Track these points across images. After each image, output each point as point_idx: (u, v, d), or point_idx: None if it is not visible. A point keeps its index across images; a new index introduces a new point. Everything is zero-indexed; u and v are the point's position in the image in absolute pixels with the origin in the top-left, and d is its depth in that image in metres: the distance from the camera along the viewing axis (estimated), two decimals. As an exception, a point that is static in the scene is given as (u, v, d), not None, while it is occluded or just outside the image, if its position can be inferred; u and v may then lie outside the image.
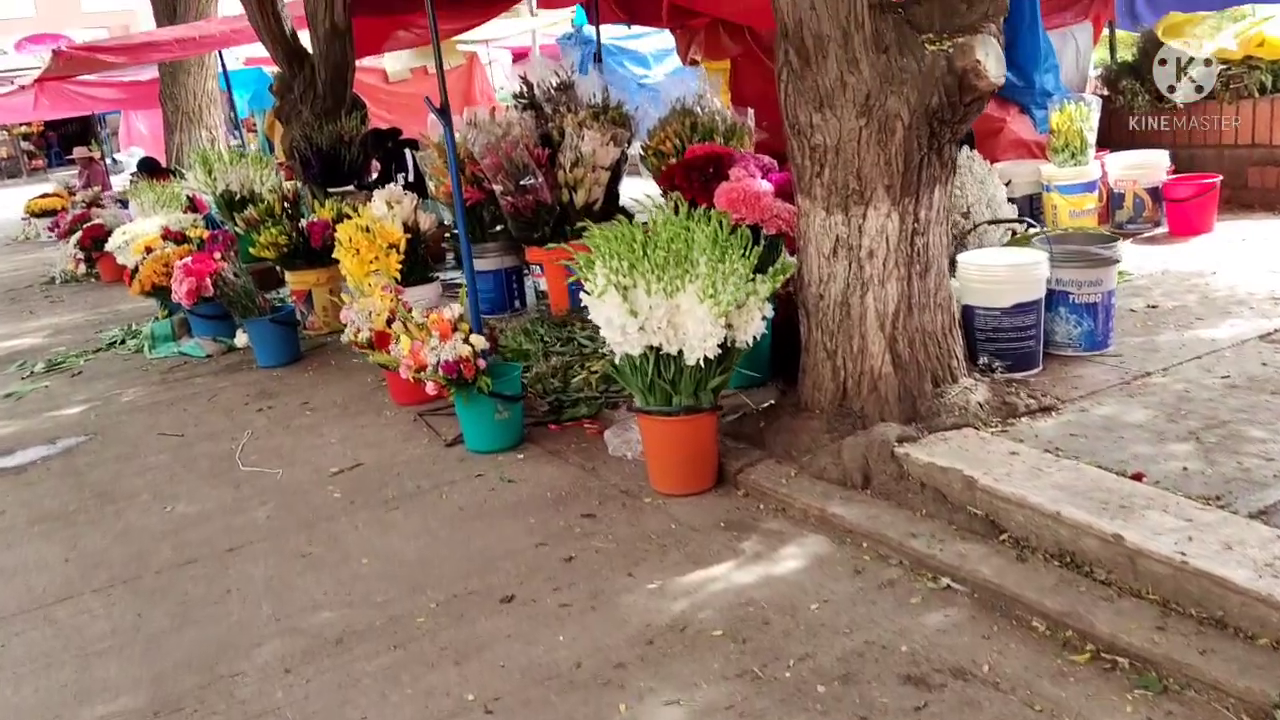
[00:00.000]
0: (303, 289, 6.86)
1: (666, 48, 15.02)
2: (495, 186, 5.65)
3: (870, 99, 3.46)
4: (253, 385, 5.93)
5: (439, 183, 6.13)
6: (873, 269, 3.62)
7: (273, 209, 6.96)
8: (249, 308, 6.19)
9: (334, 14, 7.83)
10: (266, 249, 6.69)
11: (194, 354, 6.76)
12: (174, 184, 10.20)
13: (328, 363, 6.23)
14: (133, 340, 7.39)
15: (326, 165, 8.25)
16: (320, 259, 6.79)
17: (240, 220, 7.10)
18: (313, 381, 5.86)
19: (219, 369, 6.41)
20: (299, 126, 8.41)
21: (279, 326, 6.22)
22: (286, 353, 6.29)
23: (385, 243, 5.58)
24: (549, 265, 5.97)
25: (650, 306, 3.45)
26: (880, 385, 3.69)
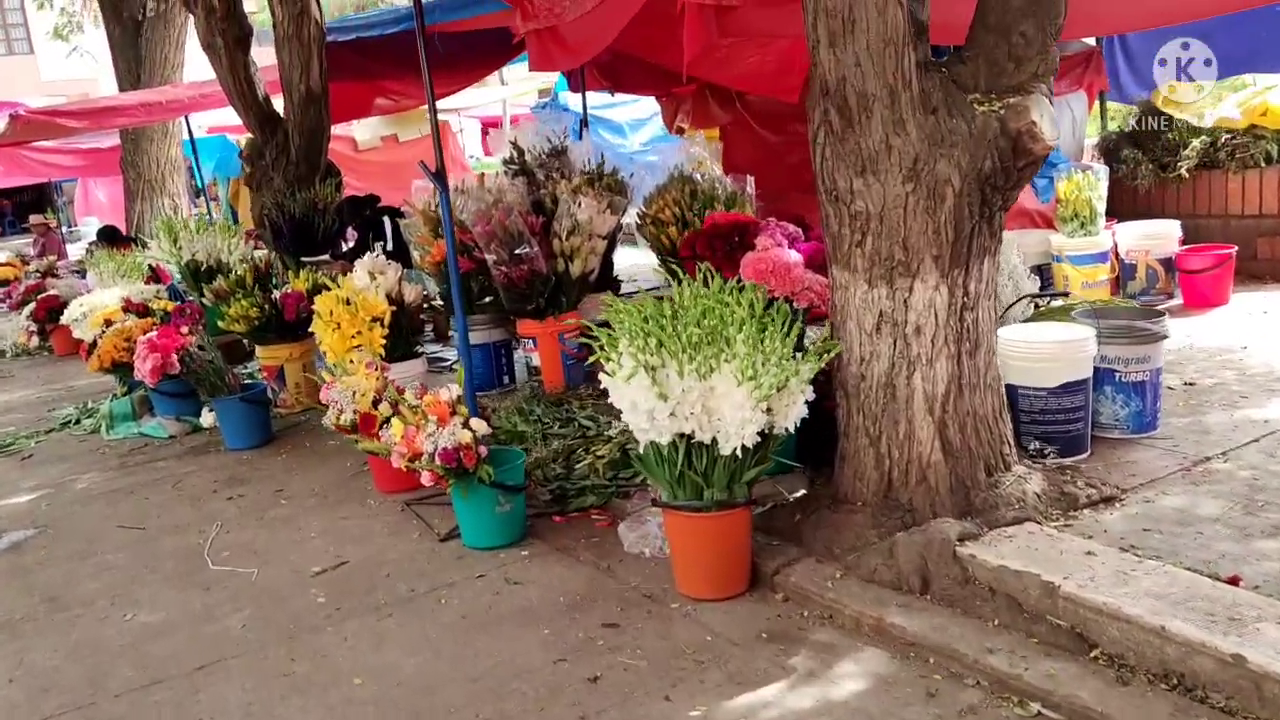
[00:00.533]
0: (274, 364, 6.44)
1: (642, 116, 14.91)
2: (487, 256, 5.31)
3: (918, 163, 3.17)
4: (221, 470, 5.47)
5: (424, 252, 5.79)
6: (920, 347, 3.30)
7: (243, 280, 6.57)
8: (217, 385, 5.76)
9: (310, 78, 7.52)
10: (236, 322, 6.29)
11: (156, 435, 6.29)
12: (135, 253, 9.78)
13: (302, 445, 5.80)
14: (89, 420, 6.90)
15: (299, 234, 7.87)
16: (293, 333, 6.40)
17: (209, 292, 6.69)
18: (287, 466, 5.42)
19: (184, 451, 5.95)
20: (270, 193, 8.05)
21: (250, 406, 5.79)
22: (257, 434, 5.85)
23: (368, 316, 5.21)
24: (543, 339, 5.61)
25: (683, 390, 3.09)
26: (930, 474, 3.35)
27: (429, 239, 5.71)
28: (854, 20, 3.07)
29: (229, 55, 7.54)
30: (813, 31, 3.18)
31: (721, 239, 4.28)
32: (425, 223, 5.72)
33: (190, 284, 8.26)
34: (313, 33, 7.36)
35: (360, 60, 8.27)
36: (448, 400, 3.92)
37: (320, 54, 7.46)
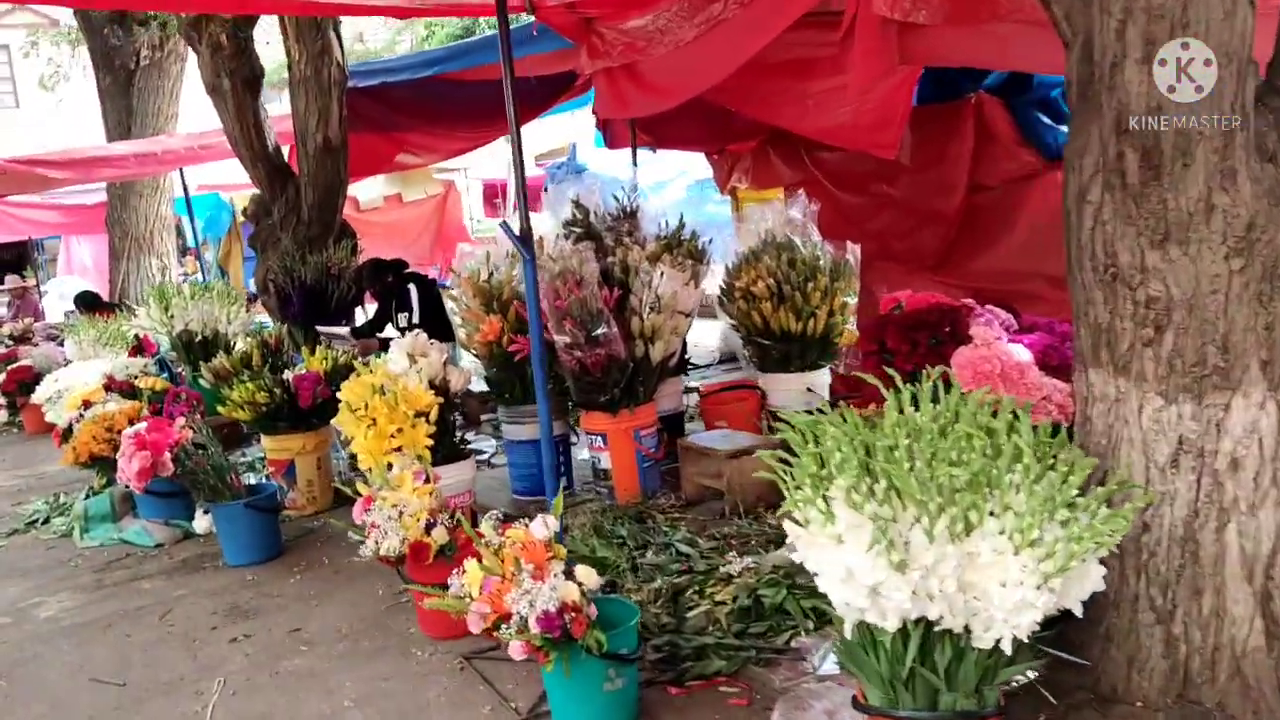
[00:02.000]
0: (284, 458, 5.42)
1: (665, 178, 14.09)
2: (558, 338, 4.35)
3: (1252, 230, 2.24)
4: (221, 595, 4.43)
5: (472, 329, 4.82)
6: (1238, 488, 2.35)
7: (248, 358, 5.58)
8: (218, 489, 4.74)
9: (328, 127, 6.63)
10: (240, 408, 5.28)
11: (140, 543, 5.25)
12: (120, 320, 8.80)
13: (319, 560, 4.77)
14: (60, 519, 5.85)
15: (310, 302, 6.94)
16: (307, 421, 5.41)
17: (207, 371, 5.69)
18: (303, 591, 4.39)
19: (174, 566, 4.91)
20: (277, 256, 7.13)
21: (257, 515, 4.77)
22: (265, 547, 4.82)
23: (411, 410, 4.22)
24: (615, 436, 4.64)
25: (933, 557, 2.12)
26: (1248, 667, 2.38)
27: (479, 314, 4.74)
28: (1186, 23, 2.16)
29: (236, 98, 6.65)
30: (1115, 40, 2.26)
31: (925, 329, 3.35)
32: (475, 295, 4.76)
33: (182, 357, 7.26)
34: (334, 75, 6.50)
35: (383, 110, 7.40)
36: (543, 539, 2.92)
37: (341, 100, 6.59)
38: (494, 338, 4.68)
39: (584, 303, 4.26)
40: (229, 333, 7.27)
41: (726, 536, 4.08)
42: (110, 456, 5.18)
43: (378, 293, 6.65)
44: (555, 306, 4.28)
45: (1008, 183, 6.15)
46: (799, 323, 4.89)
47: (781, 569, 3.41)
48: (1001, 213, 6.15)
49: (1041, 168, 6.08)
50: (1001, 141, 6.15)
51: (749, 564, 3.50)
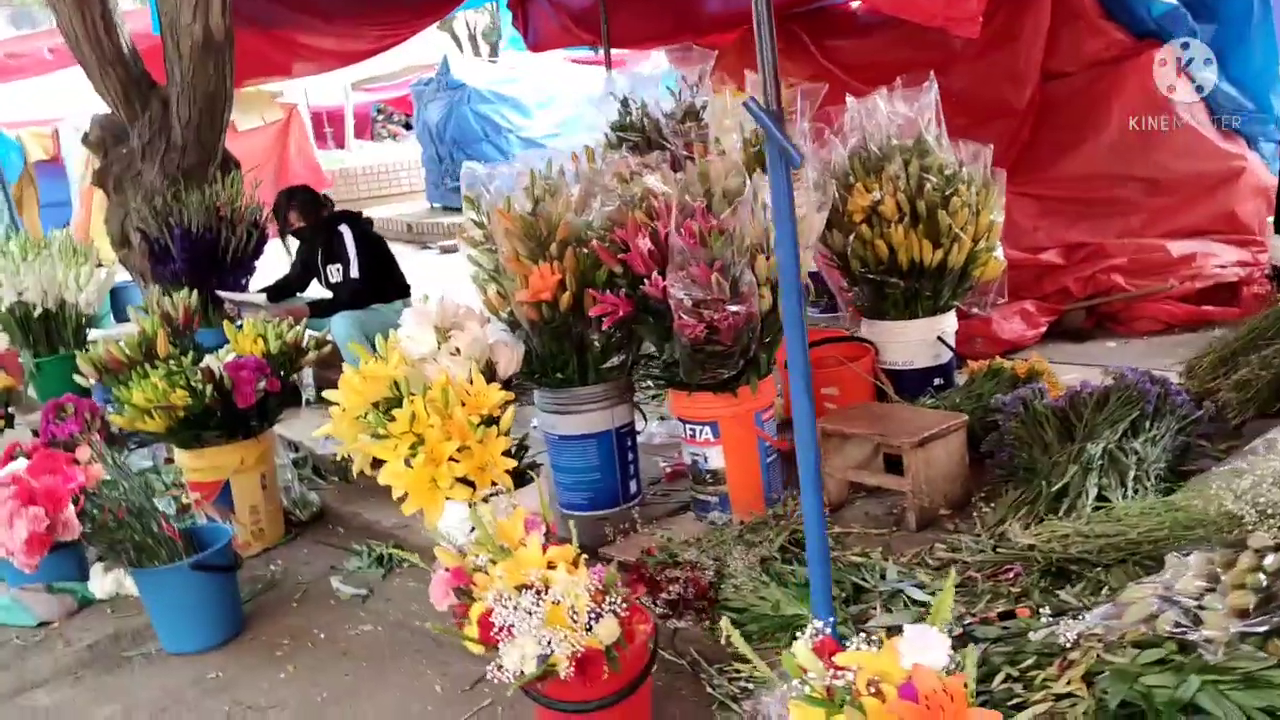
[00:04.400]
0: (214, 479, 3.83)
1: (552, 94, 12.50)
2: (677, 290, 2.95)
3: None
4: (177, 710, 2.90)
5: (510, 283, 3.34)
6: None
7: (149, 342, 3.92)
8: (149, 547, 3.13)
9: (209, 17, 4.87)
10: (147, 416, 3.64)
11: (13, 622, 3.58)
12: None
13: (305, 631, 3.28)
14: None
15: (197, 257, 5.20)
16: (244, 425, 3.83)
17: (85, 364, 3.98)
18: (306, 692, 2.92)
19: (79, 659, 3.30)
20: (141, 195, 5.35)
21: (211, 578, 3.21)
22: (226, 622, 3.29)
23: (477, 415, 2.78)
24: (731, 424, 3.31)
25: None
26: None
27: (524, 262, 3.27)
28: None
29: (77, -19, 4.80)
30: None
31: None
32: (515, 233, 3.28)
33: (18, 340, 5.41)
34: (216, -54, 4.73)
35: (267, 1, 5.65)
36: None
37: (226, -20, 4.83)
38: (549, 295, 3.24)
39: (730, 238, 2.89)
40: (80, 303, 5.45)
41: (951, 563, 2.87)
42: (-42, 505, 3.46)
43: (303, 237, 4.99)
44: (684, 245, 2.88)
45: (1091, 67, 5.09)
46: (936, 251, 3.68)
47: (1165, 635, 2.21)
48: (1085, 104, 5.10)
49: (1132, 47, 5.05)
50: (1084, 16, 5.07)
51: (1092, 624, 2.28)
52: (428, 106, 12.30)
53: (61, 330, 5.47)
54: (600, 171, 3.46)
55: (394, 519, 3.92)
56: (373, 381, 2.98)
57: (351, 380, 3.01)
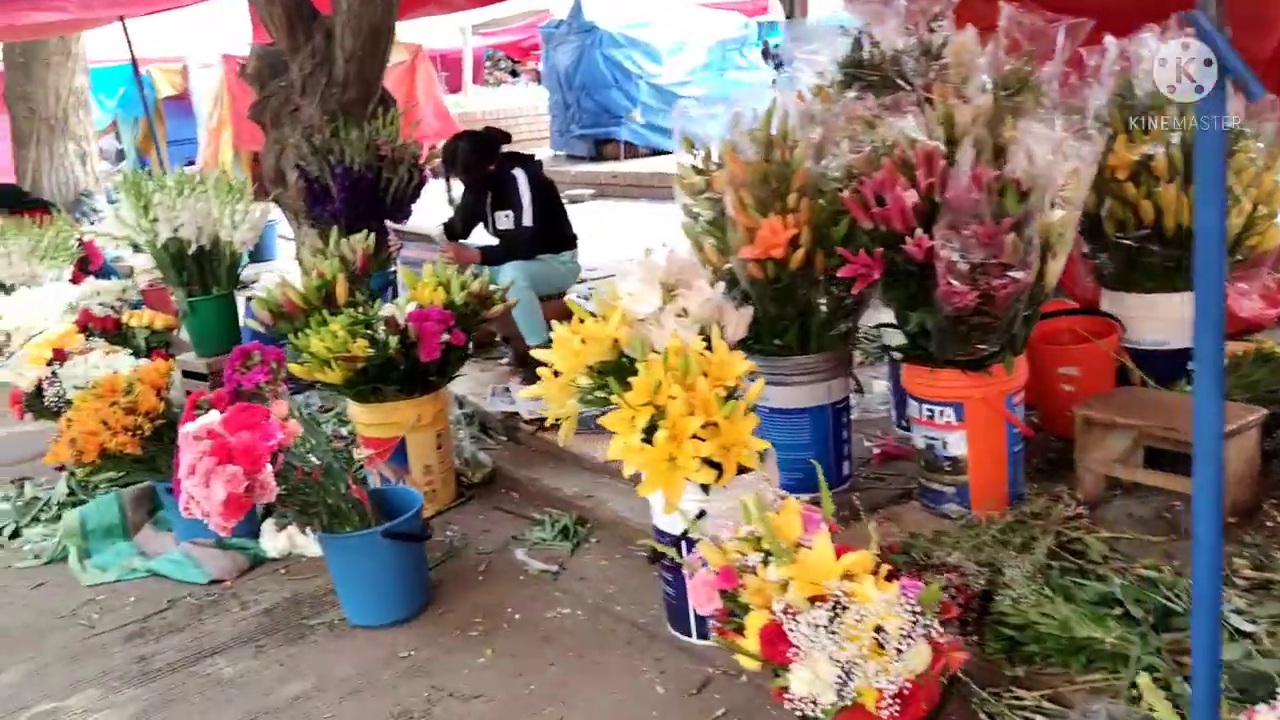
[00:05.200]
0: (390, 436, 3.58)
1: (682, 39, 12.05)
2: (948, 254, 2.56)
3: None
4: (373, 691, 2.66)
5: (735, 238, 2.97)
6: None
7: (329, 287, 3.67)
8: (343, 512, 2.89)
9: (380, -60, 4.57)
10: (326, 367, 3.40)
11: (183, 577, 3.40)
12: (58, 222, 6.66)
13: (498, 610, 3.01)
14: (35, 529, 3.94)
15: (356, 196, 4.95)
16: (424, 381, 3.57)
17: (261, 309, 3.76)
18: (509, 680, 2.64)
19: (257, 625, 3.09)
20: (299, 132, 5.12)
21: (402, 548, 2.95)
22: (414, 594, 3.04)
23: (722, 387, 2.44)
24: (981, 407, 2.92)
25: None
26: None
27: (748, 212, 2.90)
28: None
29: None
30: None
31: None
32: (744, 180, 2.91)
33: (172, 277, 5.24)
34: None
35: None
36: None
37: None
38: (779, 252, 2.88)
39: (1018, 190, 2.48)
40: (235, 241, 5.25)
41: (1267, 584, 2.46)
42: (137, 454, 3.27)
43: (473, 180, 4.68)
44: (967, 199, 2.48)
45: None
46: (1211, 217, 3.19)
47: None
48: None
49: None
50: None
51: None
52: (556, 50, 11.95)
53: (215, 269, 5.28)
54: (835, 114, 3.06)
55: (575, 487, 3.66)
56: (593, 343, 2.67)
57: (568, 340, 2.70)
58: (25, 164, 10.44)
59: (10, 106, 10.33)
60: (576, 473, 3.80)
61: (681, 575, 2.69)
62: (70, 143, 10.57)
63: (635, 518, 3.38)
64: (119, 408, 3.21)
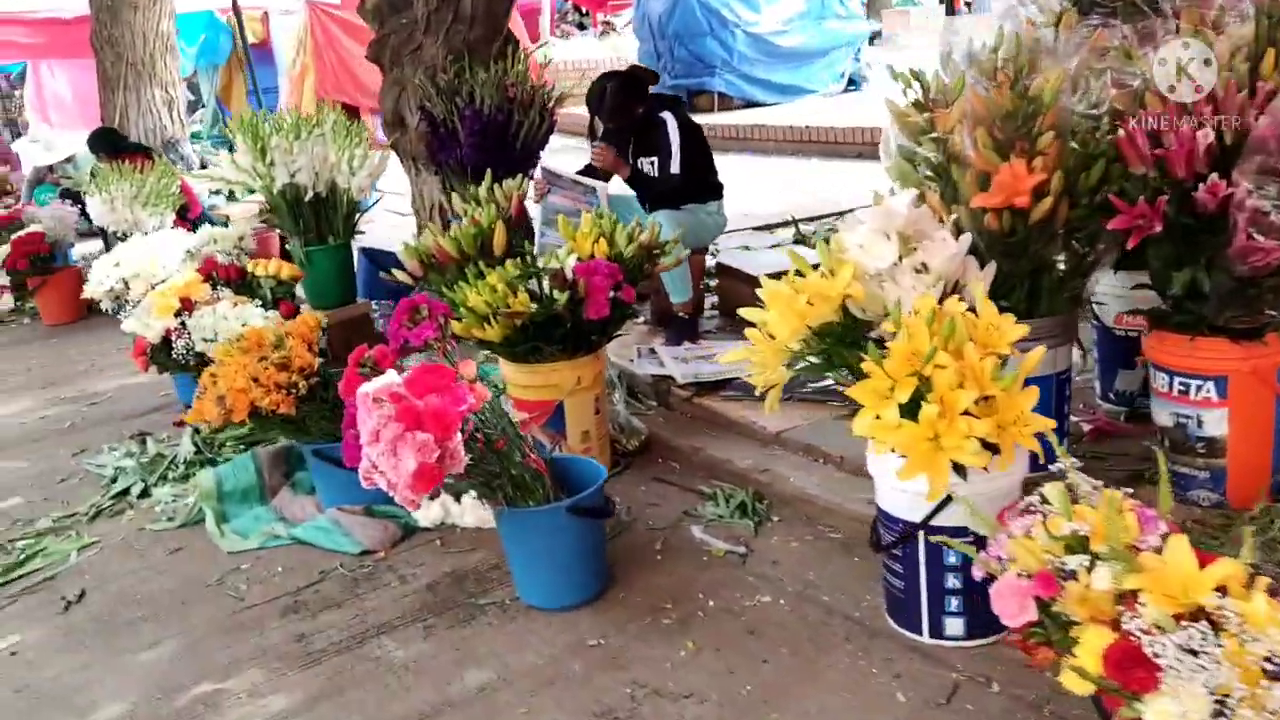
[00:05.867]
0: (548, 400, 3.30)
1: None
2: (1258, 202, 2.18)
3: None
4: (569, 684, 2.39)
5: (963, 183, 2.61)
6: None
7: (485, 235, 3.38)
8: (525, 483, 2.60)
9: None
10: (485, 323, 3.11)
11: (332, 546, 3.16)
12: (160, 168, 6.46)
13: (688, 595, 2.72)
14: (165, 489, 3.72)
15: (486, 140, 4.64)
16: (586, 341, 3.27)
17: (409, 258, 3.47)
18: (720, 679, 2.35)
19: (421, 602, 2.84)
20: (422, 72, 4.83)
21: (583, 525, 2.67)
22: (595, 576, 2.77)
23: (993, 356, 2.11)
24: (1249, 382, 2.55)
25: None
26: None
27: (986, 153, 2.54)
28: None
29: None
30: None
31: None
32: (986, 117, 2.54)
33: (289, 224, 4.99)
34: None
35: None
36: None
37: None
38: (1024, 200, 2.52)
39: None
40: (354, 187, 4.99)
41: None
42: (289, 414, 3.01)
43: (618, 125, 4.34)
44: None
45: None
46: None
47: None
48: None
49: None
50: None
51: None
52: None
53: (331, 217, 5.03)
54: (1077, 44, 2.68)
55: (748, 459, 3.35)
56: (820, 301, 2.34)
57: (789, 298, 2.38)
58: (112, 110, 10.28)
59: (97, 50, 10.16)
60: (743, 443, 3.49)
61: (914, 565, 2.39)
62: (157, 89, 10.39)
63: (823, 495, 3.08)
64: (270, 364, 2.95)
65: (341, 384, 2.78)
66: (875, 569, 2.74)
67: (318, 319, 3.18)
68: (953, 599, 2.38)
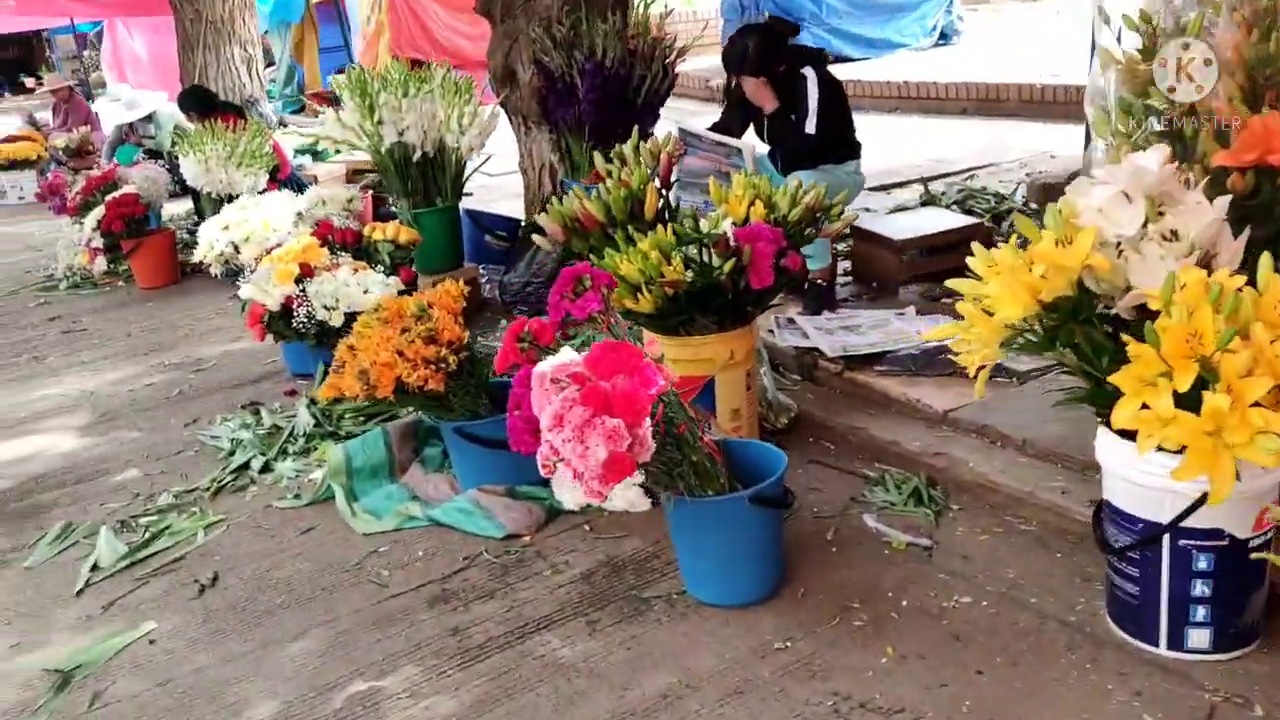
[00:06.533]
0: (699, 375, 3.06)
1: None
2: None
3: None
4: (766, 690, 2.17)
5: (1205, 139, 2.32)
6: None
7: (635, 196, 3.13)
8: (705, 470, 2.38)
9: None
10: (638, 294, 2.87)
11: (474, 530, 2.96)
12: (253, 127, 6.30)
13: (877, 590, 2.49)
14: (287, 463, 3.55)
15: (606, 97, 4.39)
16: (741, 313, 3.02)
17: (551, 219, 3.23)
18: (944, 706, 2.11)
19: (572, 595, 2.64)
20: (536, 24, 4.58)
21: (763, 516, 2.44)
22: (768, 572, 2.54)
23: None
24: None
25: None
26: None
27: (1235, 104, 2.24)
28: None
29: None
30: None
31: None
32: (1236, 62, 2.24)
33: (397, 185, 4.80)
34: None
35: None
36: None
37: None
38: (1277, 158, 2.22)
39: None
40: (463, 146, 4.77)
41: None
42: (436, 390, 2.81)
43: (775, 80, 4.02)
44: None
45: None
46: None
47: None
48: None
49: None
50: None
51: None
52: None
53: (439, 178, 4.83)
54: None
55: (917, 440, 3.10)
56: (1056, 273, 2.07)
57: (1017, 270, 2.10)
58: (191, 69, 10.20)
59: (176, 8, 10.06)
60: (907, 423, 3.23)
61: (1154, 570, 2.13)
62: (236, 47, 10.30)
63: (1009, 483, 2.82)
64: (416, 337, 2.74)
65: (498, 358, 2.57)
66: (1082, 567, 2.49)
67: (460, 288, 2.96)
68: (1199, 608, 2.11)
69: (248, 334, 4.77)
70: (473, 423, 2.98)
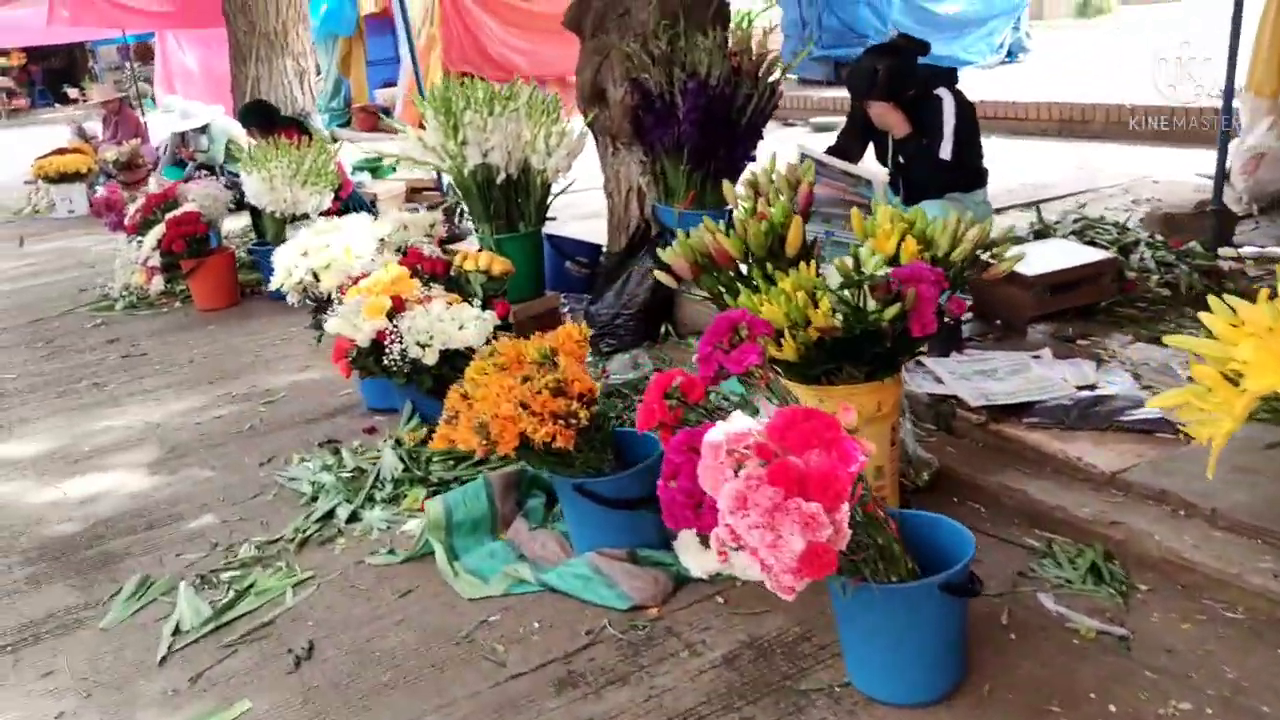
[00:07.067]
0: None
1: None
2: None
3: None
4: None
5: None
6: None
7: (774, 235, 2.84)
8: (893, 555, 2.07)
9: None
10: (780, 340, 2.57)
11: (594, 599, 2.67)
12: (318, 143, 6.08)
13: (1075, 690, 2.17)
14: (376, 513, 3.27)
15: (709, 117, 4.11)
16: (891, 362, 2.72)
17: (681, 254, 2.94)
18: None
19: (718, 682, 2.34)
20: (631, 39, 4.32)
21: (947, 604, 2.13)
22: (949, 666, 2.23)
23: None
24: None
25: None
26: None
27: None
28: None
29: None
30: None
31: None
32: None
33: (479, 211, 4.54)
34: None
35: None
36: None
37: None
38: None
39: None
40: (549, 169, 4.50)
41: None
42: (565, 449, 2.52)
43: (903, 102, 3.71)
44: None
45: None
46: None
47: None
48: None
49: None
50: None
51: None
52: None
53: (523, 202, 4.56)
54: None
55: (1086, 507, 2.78)
56: (1331, 338, 1.75)
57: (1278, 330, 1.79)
58: (244, 81, 9.99)
59: (229, 19, 9.88)
60: (1069, 483, 2.91)
61: None
62: (289, 60, 10.08)
63: (1207, 561, 2.49)
64: (544, 387, 2.46)
65: (640, 413, 2.28)
66: (1318, 669, 2.16)
67: (584, 330, 2.67)
68: None
69: (316, 362, 4.54)
70: (596, 479, 2.69)
